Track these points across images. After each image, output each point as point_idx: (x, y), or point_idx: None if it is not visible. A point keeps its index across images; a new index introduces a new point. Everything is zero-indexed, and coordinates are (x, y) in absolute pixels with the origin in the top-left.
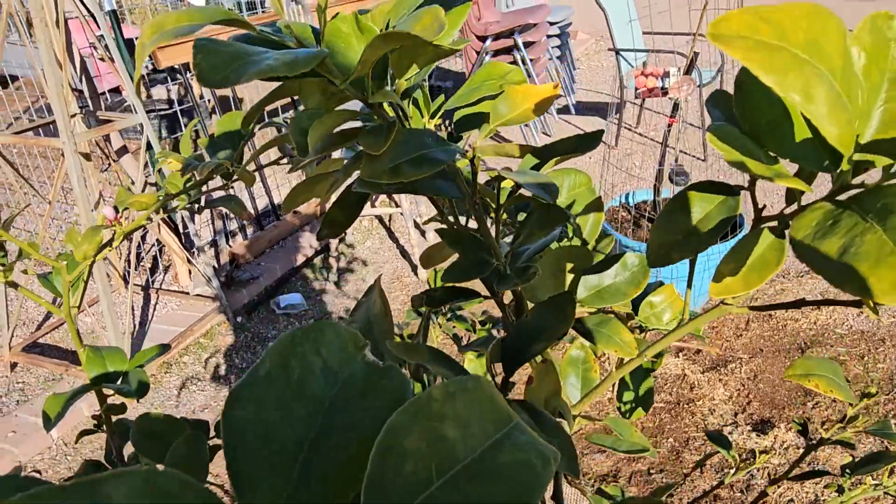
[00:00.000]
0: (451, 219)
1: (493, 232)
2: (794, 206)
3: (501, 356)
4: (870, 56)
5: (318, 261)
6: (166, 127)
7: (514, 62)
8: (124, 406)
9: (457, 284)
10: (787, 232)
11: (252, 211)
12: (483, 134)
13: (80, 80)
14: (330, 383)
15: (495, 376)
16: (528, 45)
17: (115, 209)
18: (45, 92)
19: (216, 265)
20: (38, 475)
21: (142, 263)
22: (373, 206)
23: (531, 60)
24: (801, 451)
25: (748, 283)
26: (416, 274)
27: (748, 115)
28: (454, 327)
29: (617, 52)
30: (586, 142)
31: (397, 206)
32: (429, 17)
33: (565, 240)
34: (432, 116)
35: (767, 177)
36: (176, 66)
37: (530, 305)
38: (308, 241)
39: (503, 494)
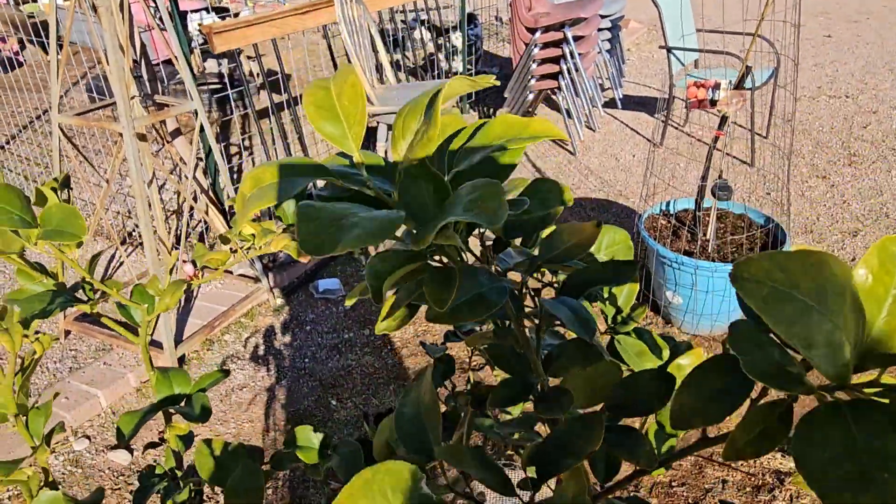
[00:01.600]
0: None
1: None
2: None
3: (535, 462)
4: (875, 276)
5: None
6: (216, 102)
7: (563, 56)
8: (191, 434)
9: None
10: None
11: None
12: (531, 271)
13: (140, 63)
14: None
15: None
16: (577, 39)
17: (194, 264)
18: (105, 69)
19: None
20: (87, 440)
21: (188, 240)
22: None
23: (580, 55)
24: None
25: (758, 450)
26: None
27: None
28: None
29: (668, 49)
30: (622, 271)
31: None
32: (493, 202)
33: (599, 302)
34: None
35: (770, 385)
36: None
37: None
38: None
39: None
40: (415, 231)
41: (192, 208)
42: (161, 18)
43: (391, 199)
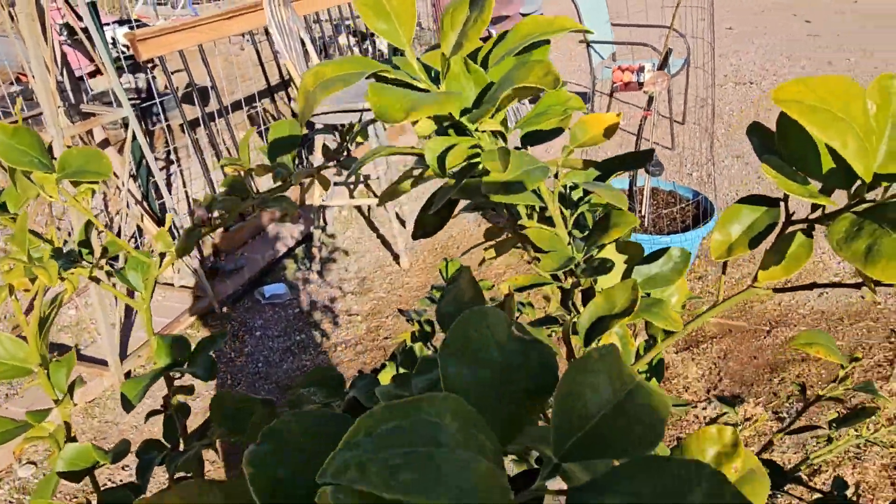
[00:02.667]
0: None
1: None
2: (818, 213)
3: (577, 332)
4: (879, 107)
5: (300, 251)
6: (136, 117)
7: None
8: (192, 388)
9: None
10: (812, 232)
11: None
12: (565, 154)
13: (62, 73)
14: (499, 351)
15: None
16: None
17: (207, 209)
18: (31, 83)
19: (199, 256)
20: (33, 466)
21: (122, 253)
22: (351, 196)
23: None
24: (770, 422)
25: (788, 270)
26: (397, 263)
27: (788, 150)
28: None
29: (588, 44)
30: (638, 159)
31: (377, 196)
32: (541, 70)
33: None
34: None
35: (805, 198)
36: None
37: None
38: (289, 231)
39: (639, 430)
40: (462, 117)
41: (126, 216)
42: (83, 30)
43: (439, 89)
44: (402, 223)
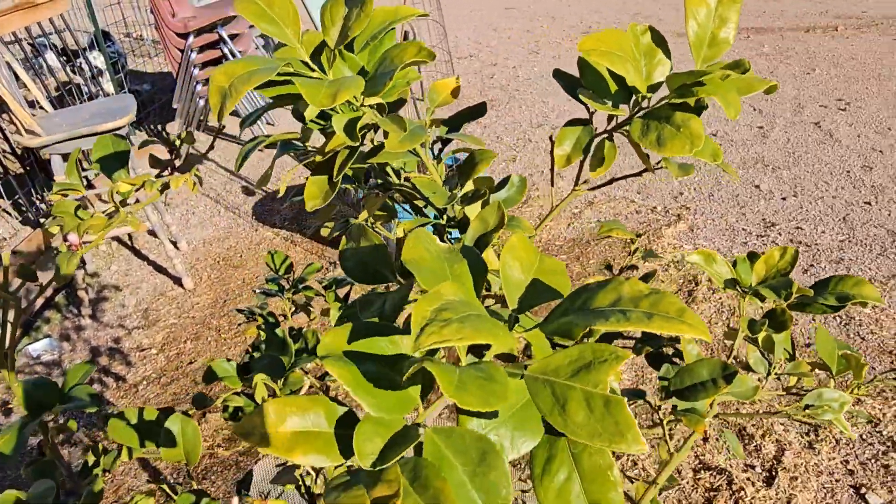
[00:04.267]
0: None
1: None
2: (613, 124)
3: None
4: (634, 45)
5: (60, 298)
6: None
7: (224, 56)
8: (73, 425)
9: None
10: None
11: None
12: (429, 115)
13: None
14: (445, 254)
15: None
16: (233, 37)
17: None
18: None
19: None
20: None
21: None
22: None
23: (240, 52)
24: None
25: (606, 166)
26: (180, 286)
27: (588, 81)
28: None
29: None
30: (478, 110)
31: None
32: (415, 49)
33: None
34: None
35: (605, 111)
36: None
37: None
38: (40, 280)
39: (555, 279)
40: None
41: None
42: None
43: (326, 76)
44: (175, 244)
